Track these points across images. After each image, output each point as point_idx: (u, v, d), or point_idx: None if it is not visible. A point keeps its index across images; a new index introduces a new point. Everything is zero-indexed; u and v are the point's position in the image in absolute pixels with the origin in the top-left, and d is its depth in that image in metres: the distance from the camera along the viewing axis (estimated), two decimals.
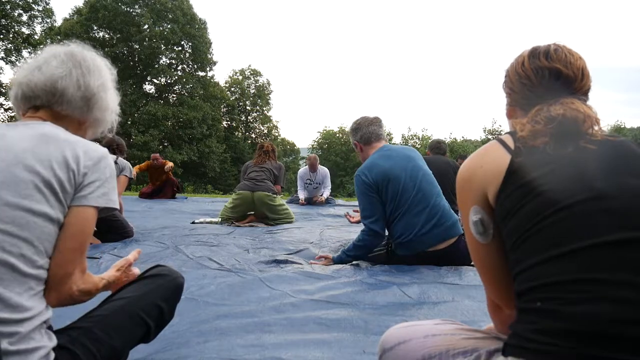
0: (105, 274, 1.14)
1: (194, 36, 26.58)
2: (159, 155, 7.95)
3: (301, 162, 30.95)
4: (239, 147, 30.28)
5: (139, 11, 25.37)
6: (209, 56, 27.91)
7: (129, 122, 24.10)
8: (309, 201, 7.27)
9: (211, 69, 28.95)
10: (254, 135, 34.09)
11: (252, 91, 33.26)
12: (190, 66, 27.88)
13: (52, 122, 1.03)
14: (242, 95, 32.82)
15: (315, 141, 29.22)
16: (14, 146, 0.92)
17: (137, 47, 25.54)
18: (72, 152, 0.96)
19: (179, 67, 27.76)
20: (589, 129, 0.82)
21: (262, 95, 33.17)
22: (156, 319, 1.15)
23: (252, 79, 33.50)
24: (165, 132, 25.01)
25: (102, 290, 1.10)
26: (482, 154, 0.90)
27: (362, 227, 2.60)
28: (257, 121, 33.94)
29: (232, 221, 4.64)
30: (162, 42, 25.81)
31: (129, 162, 3.96)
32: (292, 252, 3.04)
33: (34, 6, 21.52)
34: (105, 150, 1.03)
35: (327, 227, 4.35)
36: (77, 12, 25.04)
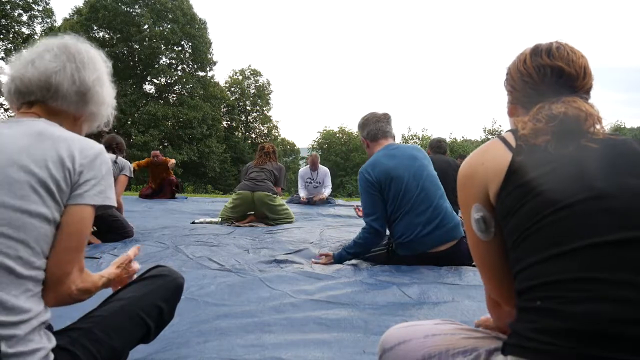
0: (104, 272, 1.13)
1: (194, 36, 26.57)
2: (159, 152, 7.87)
3: (301, 162, 30.93)
4: (239, 147, 30.27)
5: (139, 11, 25.35)
6: (209, 56, 27.89)
7: (129, 122, 24.10)
8: (309, 201, 7.26)
9: (211, 69, 28.96)
10: (254, 135, 34.08)
11: (252, 91, 33.24)
12: (190, 66, 27.86)
13: (46, 117, 1.01)
14: (242, 95, 32.81)
15: (315, 141, 29.21)
16: (7, 146, 0.91)
17: (137, 47, 25.51)
18: (68, 151, 0.94)
19: (179, 67, 27.74)
20: (591, 127, 0.82)
21: (262, 95, 33.16)
22: (156, 320, 1.15)
23: (252, 79, 33.50)
24: (165, 132, 25.00)
25: (102, 288, 1.09)
26: (484, 152, 0.90)
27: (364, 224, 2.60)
28: (257, 121, 33.93)
29: (232, 221, 4.63)
30: (162, 42, 25.79)
31: (129, 162, 3.95)
32: (292, 252, 3.04)
33: (34, 6, 21.53)
34: (101, 147, 1.01)
35: (327, 227, 4.35)
36: (77, 12, 25.03)
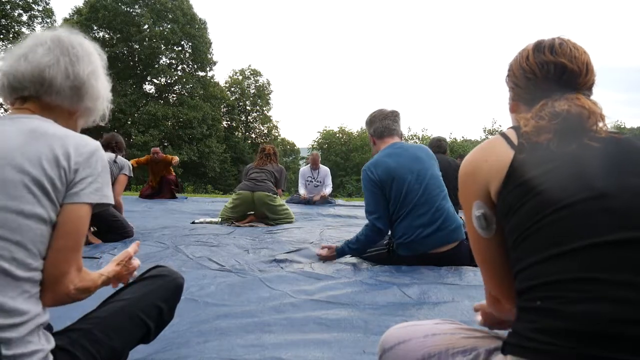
0: (104, 270, 1.12)
1: (194, 36, 26.56)
2: (159, 149, 7.83)
3: (301, 162, 30.92)
4: (239, 147, 30.27)
5: (139, 11, 25.35)
6: (209, 56, 27.89)
7: (129, 122, 24.11)
8: (309, 200, 7.27)
9: (211, 69, 28.95)
10: (254, 135, 34.08)
11: (252, 91, 33.23)
12: (190, 66, 27.86)
13: (40, 113, 0.99)
14: (242, 95, 32.80)
15: (315, 141, 29.18)
16: (1, 145, 0.89)
17: (137, 47, 25.51)
18: (63, 148, 0.92)
19: (179, 67, 27.74)
20: (594, 125, 0.82)
21: (262, 95, 33.15)
22: (156, 320, 1.15)
23: (252, 79, 33.49)
24: (165, 132, 24.99)
25: (102, 286, 1.07)
26: (486, 148, 0.89)
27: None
28: (257, 121, 33.92)
29: (232, 221, 4.63)
30: (162, 42, 25.78)
31: (128, 161, 3.92)
32: (292, 251, 3.04)
33: (34, 6, 21.52)
34: (96, 143, 0.99)
35: (327, 227, 4.35)
36: (77, 12, 25.01)
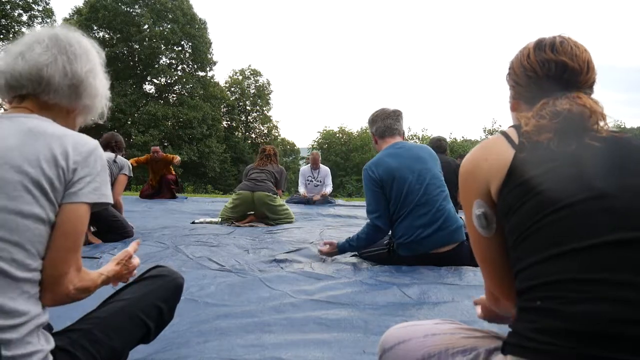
0: (104, 269, 1.11)
1: (194, 36, 26.56)
2: (159, 148, 7.80)
3: (301, 162, 30.92)
4: (239, 147, 30.26)
5: (139, 11, 25.35)
6: (209, 56, 27.88)
7: (129, 122, 24.10)
8: (309, 200, 7.27)
9: (211, 69, 28.95)
10: (254, 135, 34.07)
11: (252, 91, 33.23)
12: (190, 66, 27.85)
13: (39, 112, 0.99)
14: (242, 95, 32.79)
15: (315, 141, 29.18)
16: None
17: (137, 47, 25.51)
18: (61, 148, 0.91)
19: (179, 67, 27.73)
20: (595, 124, 0.81)
21: (262, 95, 33.15)
22: (156, 320, 1.15)
23: (252, 79, 33.48)
24: (165, 132, 24.99)
25: (102, 285, 1.07)
26: (486, 147, 0.89)
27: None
28: (257, 121, 33.92)
29: (232, 221, 4.63)
30: (162, 42, 25.78)
31: (128, 161, 3.90)
32: (291, 251, 3.04)
33: (34, 6, 21.51)
34: (95, 142, 0.99)
35: (327, 227, 4.35)
36: (77, 12, 25.02)
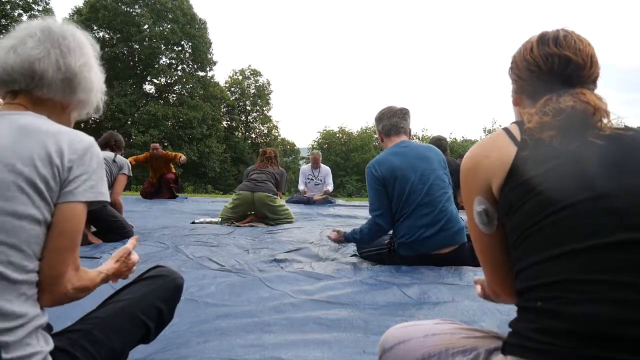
0: (103, 267, 1.11)
1: (194, 36, 26.57)
2: (158, 145, 7.71)
3: (301, 162, 30.93)
4: (239, 147, 30.27)
5: (139, 11, 25.35)
6: (209, 56, 27.89)
7: (129, 122, 24.10)
8: (309, 200, 7.27)
9: (211, 69, 28.97)
10: (254, 135, 34.09)
11: (252, 91, 33.24)
12: (190, 66, 27.86)
13: (32, 108, 0.97)
14: (242, 95, 32.80)
15: (315, 141, 29.20)
16: None
17: (137, 47, 25.51)
18: (55, 146, 0.89)
19: (179, 67, 27.74)
20: (598, 122, 0.80)
21: (262, 95, 33.16)
22: (156, 320, 1.15)
23: (252, 79, 33.50)
24: (165, 132, 24.99)
25: (101, 283, 1.06)
26: (488, 144, 0.88)
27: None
28: (257, 121, 33.93)
29: (232, 221, 4.63)
30: (162, 42, 25.78)
31: (127, 160, 3.86)
32: (291, 250, 3.04)
33: (34, 6, 21.52)
34: (90, 139, 0.97)
35: (327, 227, 4.35)
36: (77, 12, 25.02)
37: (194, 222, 4.62)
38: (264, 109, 33.58)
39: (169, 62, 27.12)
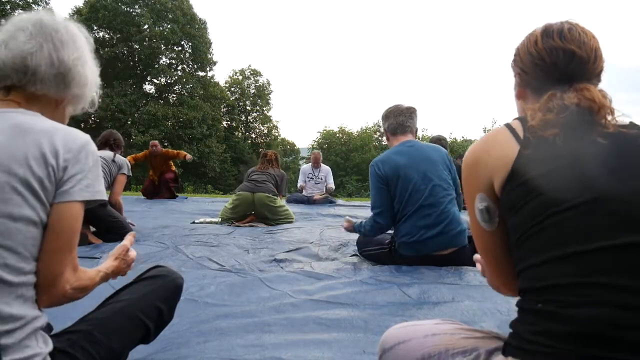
0: (102, 266, 1.10)
1: (194, 36, 26.57)
2: (157, 142, 7.65)
3: (301, 162, 30.94)
4: (239, 147, 30.27)
5: (139, 11, 25.35)
6: (209, 56, 27.89)
7: (129, 122, 24.08)
8: (309, 200, 7.28)
9: (211, 69, 28.96)
10: (254, 135, 34.10)
11: (252, 91, 33.25)
12: (190, 66, 27.86)
13: (26, 104, 0.94)
14: (242, 95, 32.81)
15: (315, 141, 29.23)
16: None
17: (137, 47, 25.49)
18: (50, 145, 0.87)
19: (179, 67, 27.73)
20: (602, 119, 0.79)
21: (262, 95, 33.16)
22: (155, 320, 1.15)
23: (252, 79, 33.50)
24: (165, 132, 24.98)
25: (101, 282, 1.05)
26: (491, 140, 0.87)
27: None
28: (257, 121, 33.94)
29: (232, 221, 4.63)
30: (162, 42, 25.77)
31: (126, 160, 3.83)
32: (291, 250, 3.04)
33: (34, 6, 21.48)
34: (86, 137, 0.95)
35: (327, 227, 4.35)
36: (77, 12, 25.00)
37: (194, 222, 4.62)
38: (264, 109, 33.59)
39: (169, 62, 27.11)
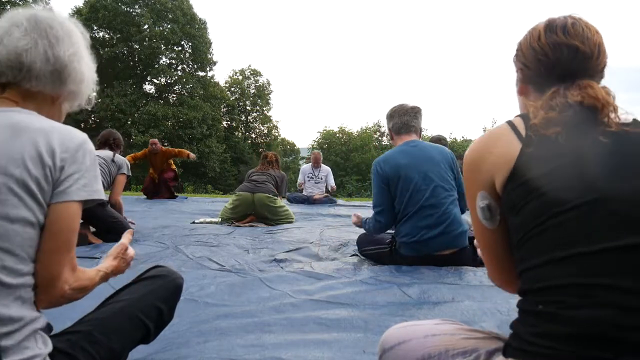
0: (102, 266, 1.09)
1: (194, 36, 26.56)
2: (157, 140, 7.56)
3: (301, 162, 30.94)
4: (239, 147, 30.27)
5: (139, 11, 25.34)
6: (209, 56, 27.89)
7: (129, 122, 24.07)
8: (309, 199, 7.28)
9: (211, 69, 28.95)
10: (254, 135, 34.10)
11: (252, 91, 33.25)
12: (190, 66, 27.85)
13: (22, 101, 0.94)
14: (242, 95, 32.81)
15: (315, 141, 29.22)
16: None
17: (137, 47, 25.49)
18: (46, 145, 0.86)
19: (179, 67, 27.72)
20: (605, 117, 0.78)
21: (262, 95, 33.17)
22: (155, 320, 1.15)
23: (252, 79, 33.50)
24: (165, 132, 24.97)
25: (101, 282, 1.05)
26: (492, 138, 0.86)
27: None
28: (257, 121, 33.95)
29: (232, 221, 4.63)
30: (162, 42, 25.77)
31: (126, 159, 3.80)
32: (291, 250, 3.04)
33: (34, 6, 21.49)
34: (83, 136, 0.94)
35: (327, 227, 4.35)
36: (77, 12, 24.99)
37: (194, 222, 4.62)
38: (264, 109, 33.59)
39: (169, 62, 27.10)
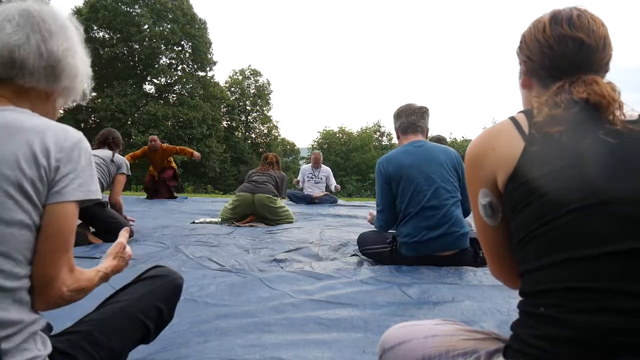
0: (101, 266, 1.08)
1: (194, 36, 26.57)
2: (156, 137, 7.42)
3: (301, 162, 30.95)
4: (239, 147, 30.28)
5: (139, 11, 25.35)
6: (209, 56, 27.89)
7: (129, 122, 24.07)
8: (309, 198, 7.28)
9: (211, 69, 28.95)
10: (254, 135, 34.11)
11: (252, 91, 33.26)
12: (190, 66, 27.86)
13: (15, 98, 0.92)
14: (242, 95, 32.82)
15: (315, 141, 29.27)
16: None
17: (137, 47, 25.49)
18: (41, 145, 0.84)
19: (179, 67, 27.73)
20: (611, 115, 0.77)
21: (262, 95, 33.18)
22: (155, 320, 1.14)
23: (252, 79, 33.51)
24: (165, 132, 24.95)
25: (100, 282, 1.04)
26: (495, 135, 0.84)
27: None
28: (257, 121, 33.95)
29: (232, 221, 4.63)
30: (162, 42, 25.77)
31: (125, 159, 3.77)
32: (291, 250, 3.04)
33: None
34: (78, 135, 0.92)
35: (327, 227, 4.35)
36: (77, 12, 24.98)
37: (194, 222, 4.62)
38: (264, 109, 33.60)
39: (169, 62, 27.10)
